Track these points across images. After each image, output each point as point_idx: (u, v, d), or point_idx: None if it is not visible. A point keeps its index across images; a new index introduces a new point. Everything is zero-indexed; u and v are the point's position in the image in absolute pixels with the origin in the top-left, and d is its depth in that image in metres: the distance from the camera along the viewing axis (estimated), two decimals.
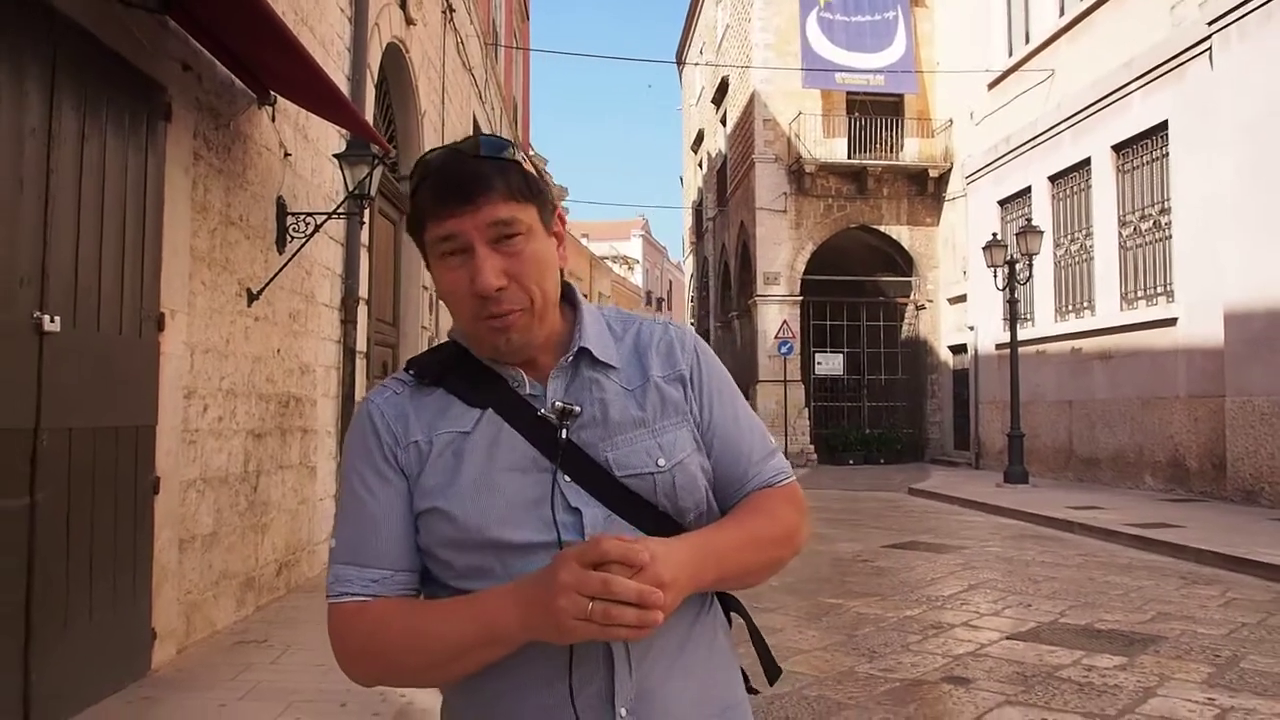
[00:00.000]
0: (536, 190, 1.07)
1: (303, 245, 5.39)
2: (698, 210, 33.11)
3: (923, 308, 21.00)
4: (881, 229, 20.79)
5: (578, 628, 0.86)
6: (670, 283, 60.39)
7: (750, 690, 1.15)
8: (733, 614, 1.17)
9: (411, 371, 1.11)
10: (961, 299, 19.10)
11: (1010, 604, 5.85)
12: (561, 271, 1.11)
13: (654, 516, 1.05)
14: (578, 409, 1.05)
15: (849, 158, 20.49)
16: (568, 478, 1.02)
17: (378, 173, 5.78)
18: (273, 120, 5.29)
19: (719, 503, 1.12)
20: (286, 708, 3.42)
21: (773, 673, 1.16)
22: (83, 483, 3.34)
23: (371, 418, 1.08)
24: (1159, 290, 12.77)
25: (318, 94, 4.91)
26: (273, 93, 5.14)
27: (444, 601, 1.02)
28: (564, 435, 1.03)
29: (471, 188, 1.01)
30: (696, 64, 31.21)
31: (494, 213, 1.01)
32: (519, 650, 0.95)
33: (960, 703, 3.88)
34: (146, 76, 3.89)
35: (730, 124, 25.04)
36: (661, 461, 1.06)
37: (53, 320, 3.12)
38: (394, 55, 8.62)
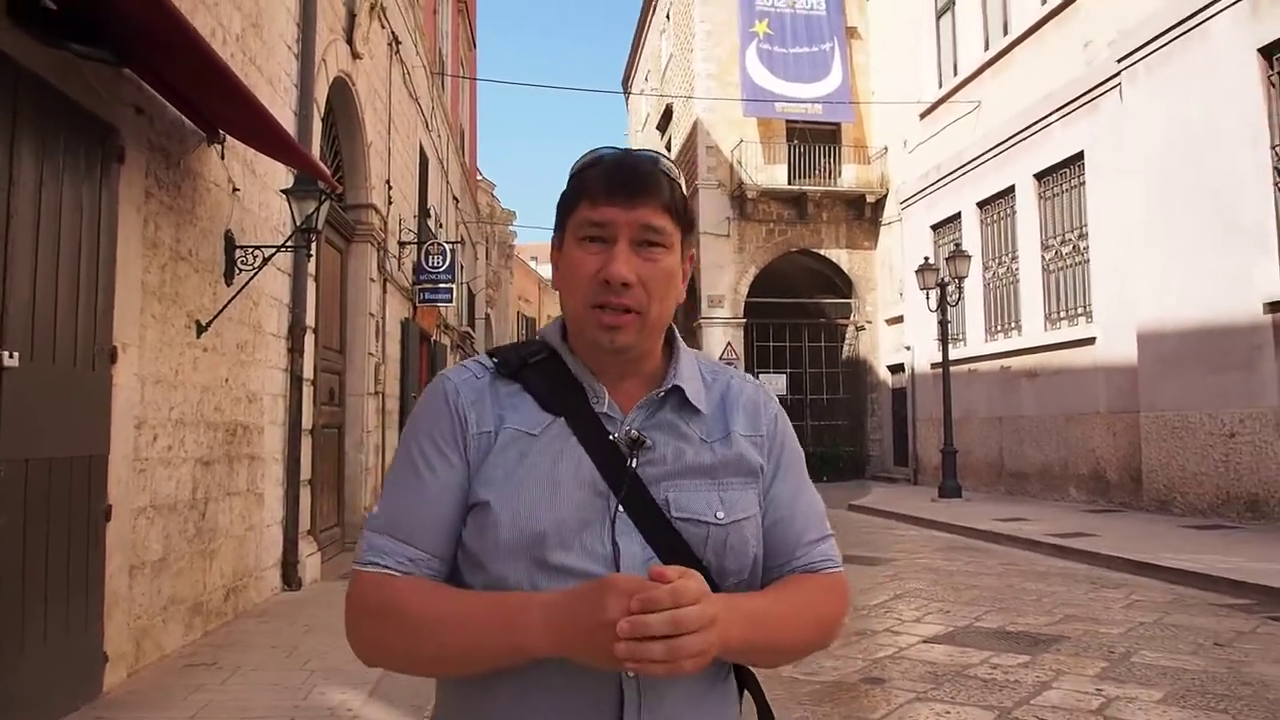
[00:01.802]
0: (688, 218, 1.10)
1: (251, 278, 5.58)
2: None
3: (862, 329, 21.58)
4: (821, 252, 21.35)
5: (618, 661, 0.85)
6: None
7: None
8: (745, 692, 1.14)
9: (495, 360, 1.10)
10: (899, 320, 19.69)
11: (931, 611, 6.20)
12: (675, 316, 1.13)
13: (695, 570, 0.98)
14: (649, 442, 1.04)
15: (789, 184, 21.06)
16: (621, 508, 1.01)
17: (325, 207, 5.99)
18: (222, 157, 5.48)
19: (762, 572, 1.09)
20: None
21: None
22: (38, 511, 3.50)
23: (447, 395, 1.07)
24: (1079, 311, 13.40)
25: (265, 137, 5.12)
26: (221, 131, 5.34)
27: (471, 595, 1.00)
28: (633, 465, 1.02)
29: (639, 186, 1.04)
30: (641, 92, 31.73)
31: (650, 216, 1.04)
32: (537, 680, 0.95)
33: (875, 701, 4.19)
34: (100, 120, 4.08)
35: (674, 150, 25.51)
36: (720, 514, 1.04)
37: (11, 356, 3.30)
38: (340, 88, 8.82)
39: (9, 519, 3.30)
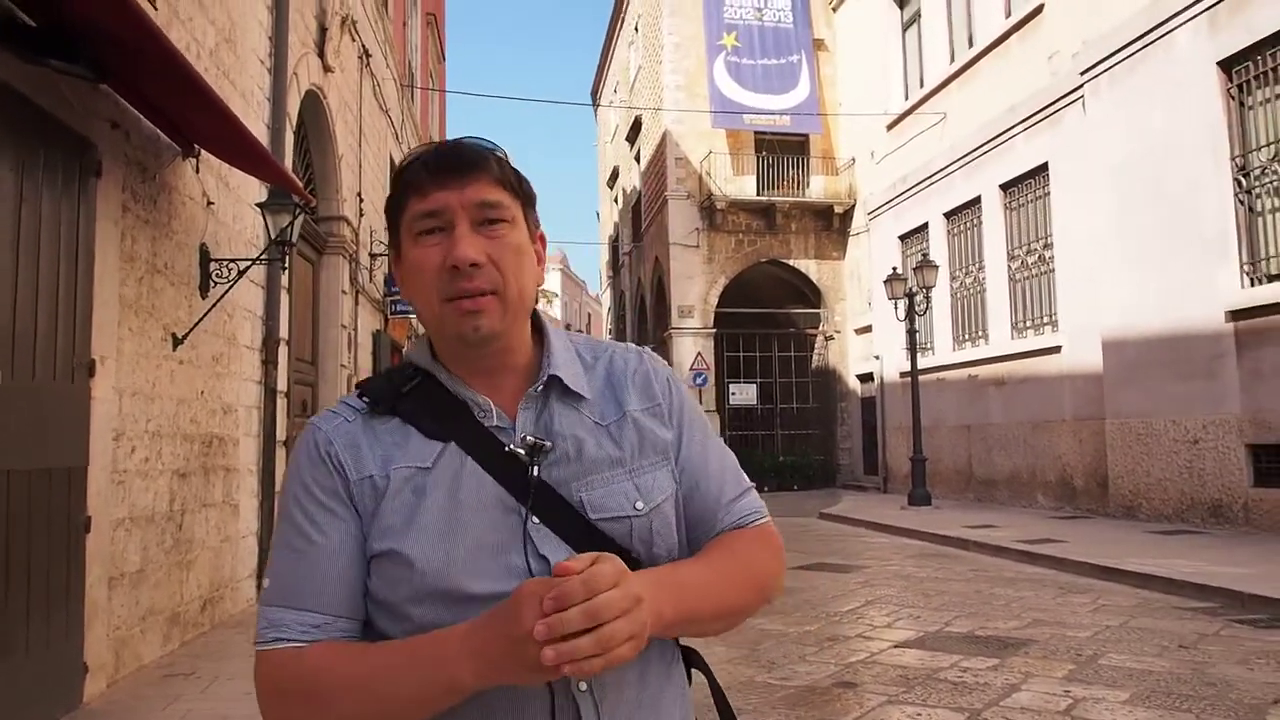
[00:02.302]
0: (525, 190, 1.05)
1: (227, 291, 5.59)
2: (614, 244, 33.66)
3: (831, 338, 21.78)
4: (790, 263, 21.55)
5: (551, 669, 0.79)
6: (589, 316, 60.85)
7: None
8: (694, 670, 1.12)
9: (364, 398, 1.02)
10: (868, 329, 19.91)
11: (902, 616, 6.30)
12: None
13: (627, 563, 0.93)
14: (549, 445, 0.99)
15: (758, 194, 21.25)
16: (536, 520, 0.96)
17: (299, 221, 6.01)
18: (196, 171, 5.49)
19: (689, 543, 1.05)
20: None
21: None
22: (19, 522, 3.51)
23: (319, 446, 0.99)
24: (1045, 320, 13.63)
25: (240, 151, 5.15)
26: (196, 145, 5.35)
27: (390, 645, 0.92)
28: (535, 473, 0.97)
29: (464, 164, 0.99)
30: (610, 105, 31.89)
31: (482, 192, 0.99)
32: (479, 705, 0.90)
33: (848, 704, 4.27)
34: (78, 135, 4.10)
35: (644, 161, 25.67)
36: (639, 505, 1.00)
37: None
38: (312, 101, 8.83)
39: None
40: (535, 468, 0.97)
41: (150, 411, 4.80)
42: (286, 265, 6.75)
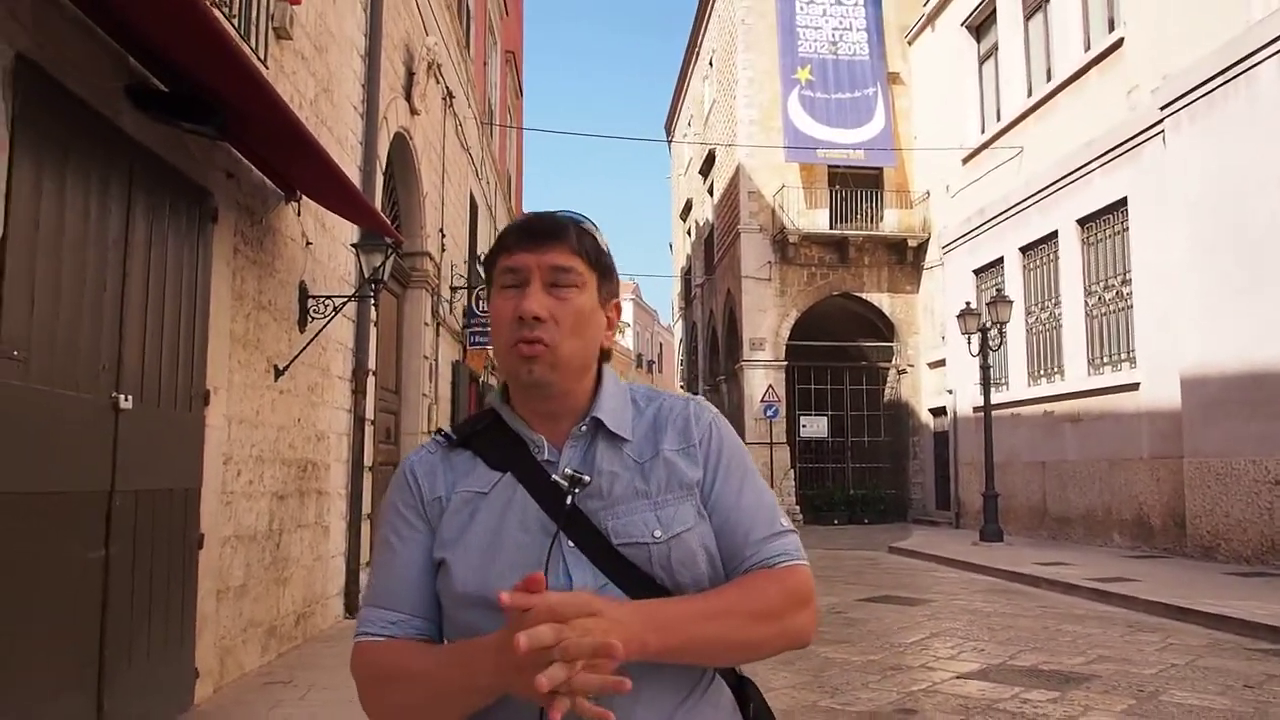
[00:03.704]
0: (602, 263, 1.19)
1: (324, 326, 6.01)
2: (686, 276, 33.97)
3: (904, 372, 21.66)
4: (863, 296, 21.54)
5: (536, 691, 0.89)
6: (661, 346, 61.12)
7: None
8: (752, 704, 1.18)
9: (448, 435, 1.22)
10: (941, 363, 19.77)
11: (966, 649, 6.36)
12: (605, 354, 1.22)
13: (649, 588, 1.07)
14: (587, 478, 1.10)
15: (831, 228, 21.33)
16: (570, 543, 1.08)
17: (390, 261, 6.42)
18: (298, 214, 5.94)
19: (727, 578, 1.13)
20: None
21: None
22: (145, 538, 3.91)
23: (405, 471, 1.20)
24: (1122, 356, 13.43)
25: (340, 197, 5.57)
26: (298, 191, 5.80)
27: (440, 648, 1.11)
28: (570, 501, 1.09)
29: (547, 232, 1.15)
30: (684, 138, 32.35)
31: (556, 258, 1.13)
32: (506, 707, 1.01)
33: None
34: (198, 185, 4.54)
35: (717, 195, 25.97)
36: (658, 533, 1.09)
37: (126, 399, 3.72)
38: (400, 143, 9.33)
39: (121, 545, 3.70)
40: (571, 497, 1.09)
41: (254, 438, 5.21)
42: (377, 301, 7.17)
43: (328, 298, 6.12)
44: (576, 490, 1.09)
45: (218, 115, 3.99)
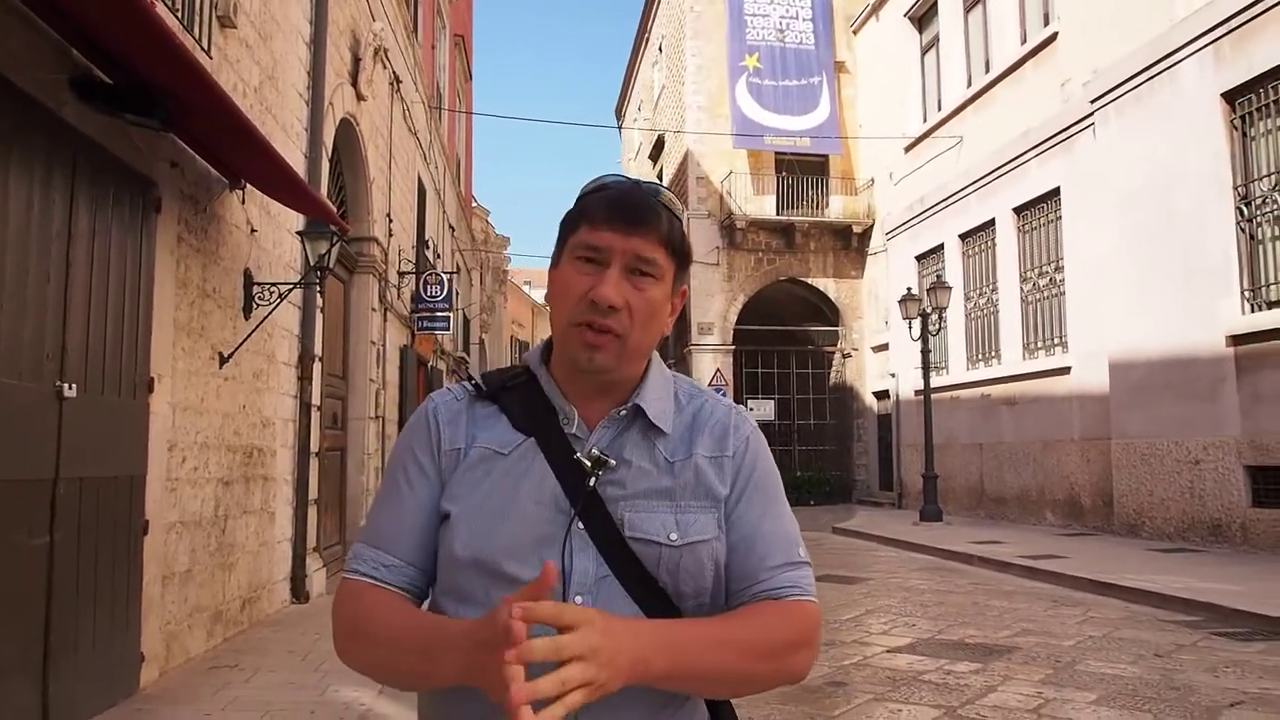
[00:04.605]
0: (683, 254, 1.14)
1: (269, 313, 6.03)
2: None
3: (849, 356, 22.08)
4: (809, 281, 21.88)
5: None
6: None
7: None
8: None
9: (474, 383, 1.17)
10: (884, 348, 20.19)
11: (899, 625, 6.63)
12: (664, 342, 1.31)
13: (651, 589, 1.04)
14: (611, 461, 1.07)
15: (778, 214, 21.62)
16: (581, 525, 1.04)
17: (336, 249, 6.45)
18: (242, 202, 5.96)
19: (728, 596, 1.09)
20: (263, 716, 4.05)
21: None
22: (89, 525, 3.96)
23: (427, 415, 1.15)
24: (1055, 341, 13.89)
25: (283, 186, 5.60)
26: (242, 179, 5.81)
27: (420, 615, 1.06)
28: (591, 483, 1.05)
29: (638, 216, 1.08)
30: (634, 123, 32.39)
31: (644, 247, 1.08)
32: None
33: (836, 701, 4.63)
34: (142, 175, 4.56)
35: (666, 179, 26.07)
36: (674, 536, 1.05)
37: (70, 388, 3.76)
38: (346, 129, 9.31)
39: (66, 532, 3.74)
40: (593, 479, 1.06)
41: (199, 424, 5.25)
42: (322, 288, 7.19)
43: (273, 285, 6.15)
44: (600, 473, 1.06)
45: (161, 108, 4.02)
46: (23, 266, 3.49)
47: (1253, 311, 9.86)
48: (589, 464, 1.06)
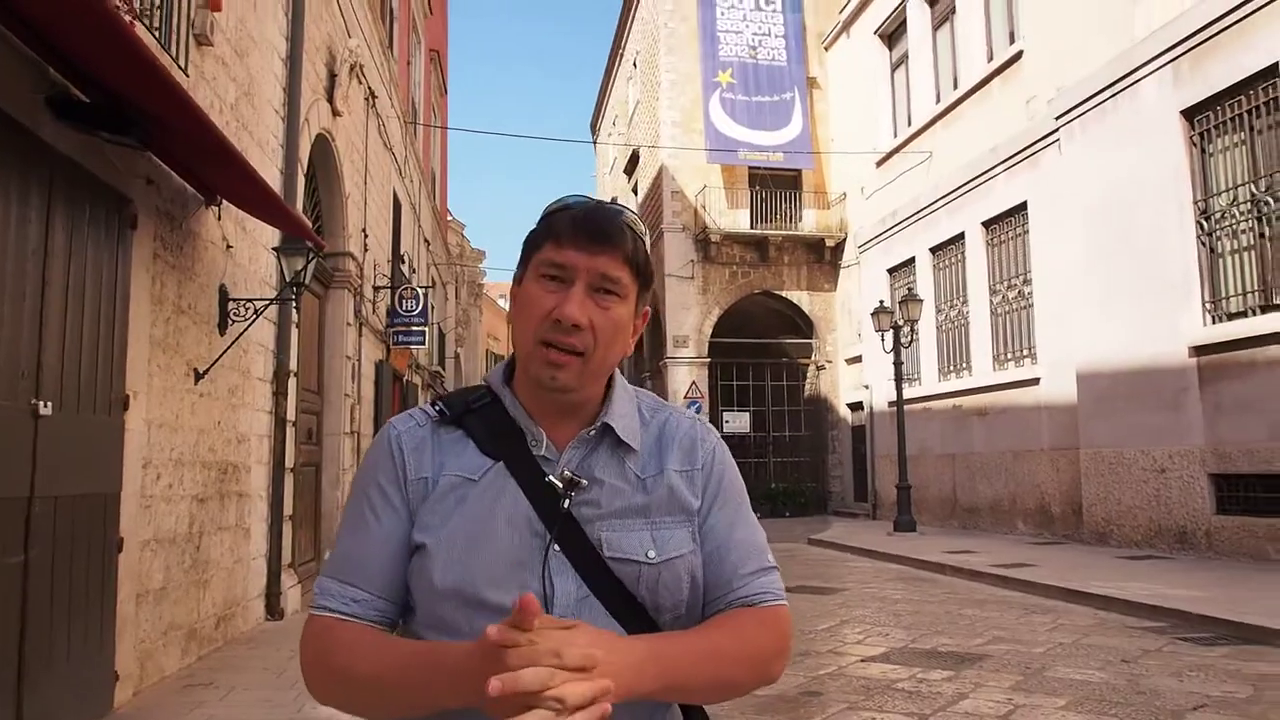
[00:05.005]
0: (647, 274, 1.14)
1: (245, 329, 6.03)
2: None
3: (823, 368, 22.24)
4: (783, 294, 22.05)
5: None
6: None
7: None
8: None
9: (438, 407, 1.15)
10: (858, 360, 20.37)
11: (873, 635, 6.71)
12: (639, 356, 1.29)
13: (630, 606, 1.05)
14: (584, 482, 1.07)
15: (752, 228, 21.78)
16: (557, 547, 1.04)
17: (312, 265, 6.47)
18: (218, 219, 5.96)
19: (704, 606, 1.11)
20: None
21: None
22: (64, 542, 3.94)
23: (390, 442, 1.13)
24: (1024, 353, 14.10)
25: (259, 203, 5.62)
26: (218, 196, 5.82)
27: (403, 643, 1.04)
28: (565, 505, 1.05)
29: (604, 235, 1.08)
30: (609, 141, 32.54)
31: (609, 266, 1.08)
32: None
33: (811, 710, 4.68)
34: (118, 193, 4.57)
35: (641, 194, 26.23)
36: (652, 554, 1.06)
37: (46, 405, 3.76)
38: (322, 145, 9.32)
39: (40, 549, 3.73)
40: (567, 500, 1.06)
41: (174, 441, 5.24)
42: (298, 304, 7.19)
43: (248, 301, 6.15)
44: (572, 494, 1.06)
45: (138, 126, 4.04)
46: None
47: (1214, 323, 10.07)
48: (561, 485, 1.06)
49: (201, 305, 5.75)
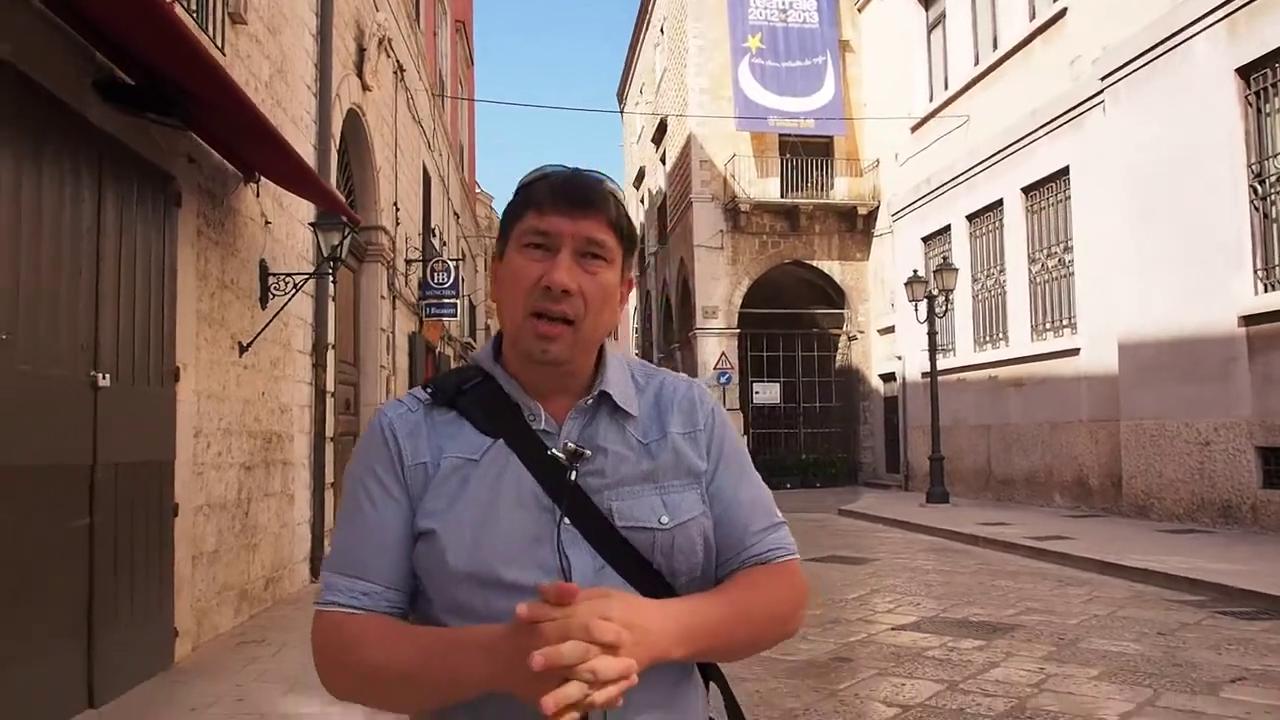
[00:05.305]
0: (631, 238, 1.13)
1: (286, 303, 6.16)
2: (640, 244, 34.11)
3: (855, 339, 22.14)
4: (814, 264, 21.91)
5: (550, 700, 0.84)
6: None
7: None
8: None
9: (429, 390, 1.13)
10: (891, 330, 20.23)
11: (903, 604, 6.76)
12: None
13: (647, 573, 1.04)
14: (588, 452, 1.06)
15: (782, 196, 21.62)
16: (567, 520, 1.03)
17: (348, 240, 6.57)
18: (256, 195, 6.07)
19: (717, 567, 1.11)
20: (290, 688, 4.26)
21: None
22: (124, 507, 4.15)
23: (383, 430, 1.10)
24: (1064, 322, 13.89)
25: (296, 179, 5.73)
26: (256, 173, 5.93)
27: (422, 632, 1.02)
28: (572, 477, 1.04)
29: (586, 200, 1.07)
30: (636, 110, 32.35)
31: (594, 229, 1.06)
32: (495, 699, 0.94)
33: (841, 676, 4.76)
34: (162, 171, 4.68)
35: (669, 163, 26.10)
36: (665, 519, 1.06)
37: (104, 377, 3.91)
38: (353, 120, 9.40)
39: (104, 514, 3.91)
40: (573, 472, 1.04)
41: (222, 411, 5.40)
42: (335, 278, 7.31)
43: (287, 275, 6.27)
44: (577, 465, 1.05)
45: (180, 105, 4.13)
46: (57, 261, 3.63)
47: (1266, 291, 9.79)
48: (565, 458, 1.05)
49: (243, 280, 5.87)
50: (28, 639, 3.40)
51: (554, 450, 1.06)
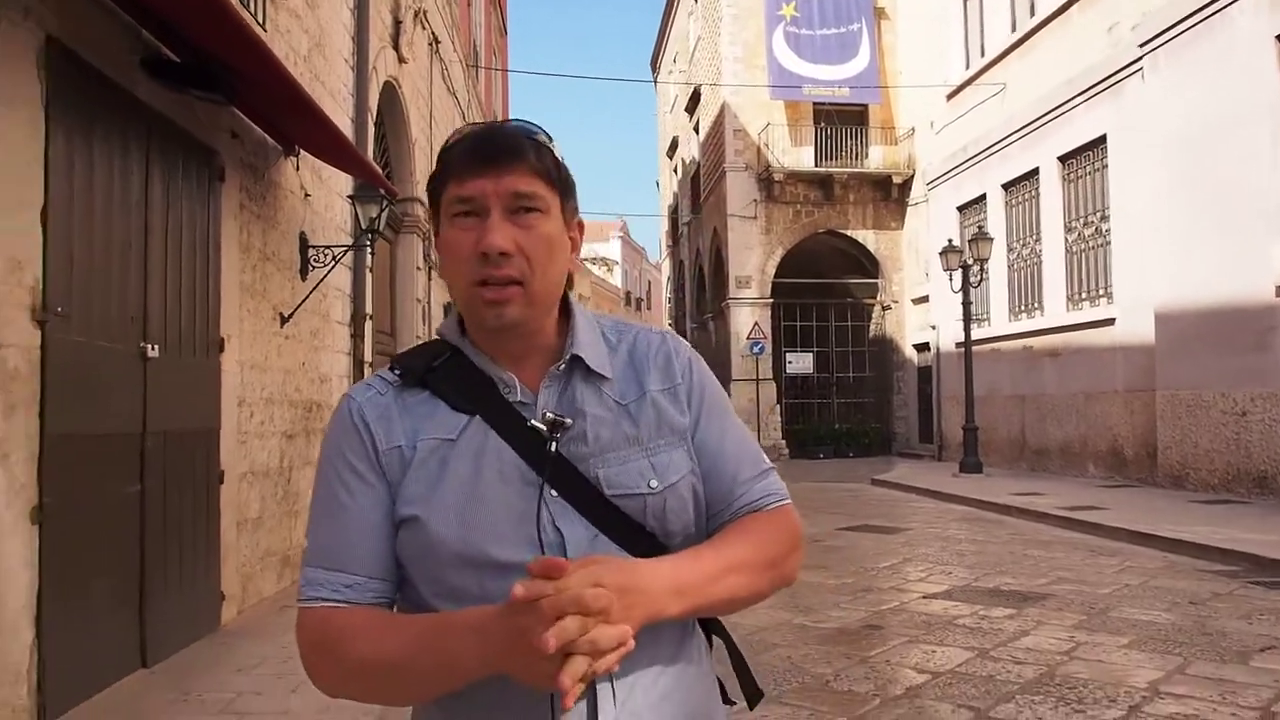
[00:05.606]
0: (564, 180, 1.07)
1: (326, 275, 6.27)
2: (673, 214, 34.05)
3: (888, 308, 22.01)
4: (848, 233, 21.78)
5: (553, 681, 0.83)
6: (649, 283, 61.27)
7: (727, 701, 1.15)
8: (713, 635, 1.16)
9: (396, 371, 1.08)
10: (925, 300, 20.09)
11: (935, 573, 6.81)
12: (570, 280, 1.10)
13: (641, 537, 1.02)
14: (568, 421, 1.03)
15: (816, 165, 21.47)
16: (554, 493, 1.00)
17: (386, 213, 6.66)
18: (296, 169, 6.17)
19: (709, 520, 1.09)
20: None
21: (753, 695, 1.16)
22: (173, 474, 4.28)
23: (352, 416, 1.05)
24: (1100, 292, 13.76)
25: (334, 151, 5.81)
26: (296, 146, 6.02)
27: (410, 620, 0.99)
28: (553, 448, 1.01)
29: (501, 154, 1.02)
30: (670, 79, 32.15)
31: (517, 183, 1.01)
32: (496, 677, 0.91)
33: (872, 643, 4.83)
34: (206, 146, 4.79)
35: (703, 133, 25.97)
36: (654, 483, 1.03)
37: (153, 348, 4.03)
38: (389, 92, 9.47)
39: (154, 481, 4.05)
40: (554, 443, 1.01)
41: (264, 381, 5.53)
42: (373, 249, 7.41)
43: (326, 247, 6.38)
44: (558, 435, 1.02)
45: (224, 82, 4.22)
46: (108, 235, 3.75)
47: None
48: (545, 428, 1.02)
49: (284, 252, 5.99)
50: (87, 600, 3.55)
51: (534, 422, 1.03)
